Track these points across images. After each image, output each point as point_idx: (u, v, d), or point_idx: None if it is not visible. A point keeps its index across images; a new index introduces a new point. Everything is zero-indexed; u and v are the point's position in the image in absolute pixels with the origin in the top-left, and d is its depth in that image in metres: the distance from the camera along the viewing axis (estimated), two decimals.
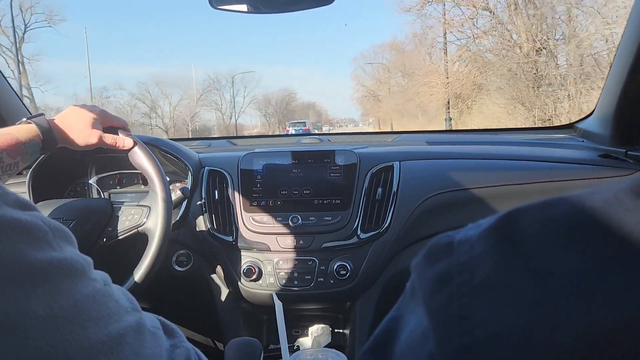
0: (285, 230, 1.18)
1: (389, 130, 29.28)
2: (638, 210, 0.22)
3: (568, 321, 0.20)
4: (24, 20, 25.55)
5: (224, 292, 1.27)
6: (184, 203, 1.22)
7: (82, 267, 0.36)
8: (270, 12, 1.14)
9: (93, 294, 0.36)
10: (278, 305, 0.99)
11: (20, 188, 1.20)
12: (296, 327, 1.29)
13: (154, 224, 1.00)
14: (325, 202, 1.20)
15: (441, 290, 0.25)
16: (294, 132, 25.63)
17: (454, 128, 16.77)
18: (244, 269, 1.17)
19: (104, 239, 1.05)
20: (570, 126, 1.65)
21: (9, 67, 23.53)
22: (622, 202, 0.22)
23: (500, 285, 0.23)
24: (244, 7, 1.09)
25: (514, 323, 0.22)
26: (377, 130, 38.61)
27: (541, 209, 0.24)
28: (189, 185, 1.23)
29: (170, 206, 1.02)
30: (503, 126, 10.98)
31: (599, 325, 0.20)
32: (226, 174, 1.26)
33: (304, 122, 30.65)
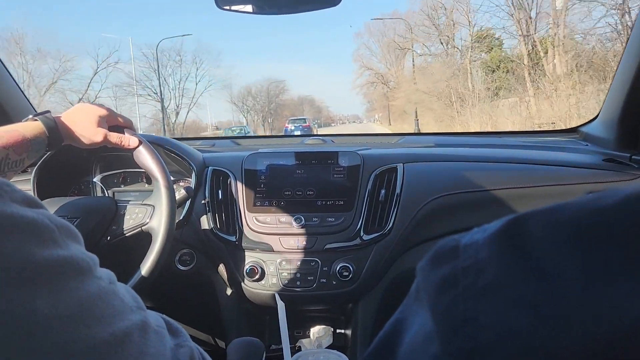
0: (288, 230, 1.18)
1: (413, 127, 20.95)
2: None
3: (573, 325, 0.20)
4: None
5: (227, 291, 1.27)
6: (188, 202, 1.22)
7: (88, 265, 0.36)
8: (276, 13, 1.14)
9: (98, 293, 0.36)
10: (280, 305, 0.99)
11: (25, 185, 1.20)
12: (298, 328, 1.29)
13: (158, 223, 1.00)
14: (328, 203, 1.20)
15: (446, 293, 0.25)
16: (293, 128, 24.16)
17: None
18: (247, 269, 1.17)
19: (108, 238, 1.05)
20: (574, 130, 1.65)
21: None
22: (629, 207, 0.22)
23: (505, 289, 0.23)
24: (249, 8, 1.09)
25: (518, 326, 0.22)
26: (386, 127, 33.15)
27: (547, 213, 0.24)
28: (192, 185, 1.24)
29: (174, 205, 1.02)
30: None
31: (604, 330, 0.20)
32: (230, 173, 1.26)
33: (304, 119, 28.38)
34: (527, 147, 1.49)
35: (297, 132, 22.48)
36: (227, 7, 1.08)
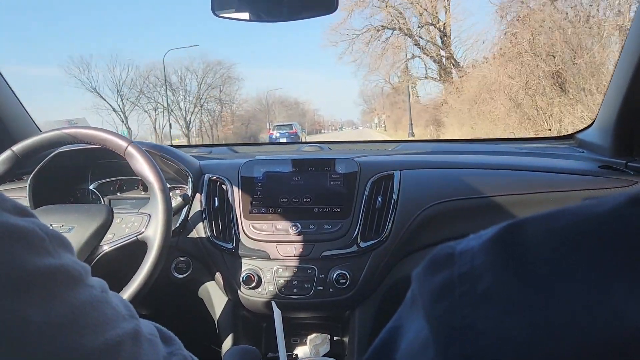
0: (285, 238, 1.18)
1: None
2: (639, 222, 0.22)
3: (571, 332, 0.20)
4: None
5: (223, 299, 1.26)
6: (184, 210, 1.22)
7: (79, 273, 0.36)
8: (273, 20, 1.15)
9: (90, 301, 0.36)
10: (277, 313, 0.99)
11: (21, 193, 1.20)
12: (295, 336, 1.29)
13: (154, 233, 1.00)
14: (325, 210, 1.20)
15: (442, 300, 0.25)
16: (278, 135, 22.28)
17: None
18: (243, 277, 1.17)
19: (104, 246, 1.05)
20: (570, 136, 1.65)
21: None
22: (624, 213, 0.22)
23: (501, 296, 0.23)
24: (246, 15, 1.10)
25: (515, 333, 0.22)
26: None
27: (543, 220, 0.24)
28: (189, 192, 1.23)
29: (171, 214, 1.02)
30: None
31: (603, 337, 0.20)
32: (227, 181, 1.26)
33: (290, 125, 25.55)
34: (523, 154, 1.49)
35: (283, 140, 20.21)
36: (223, 15, 1.08)
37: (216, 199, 1.24)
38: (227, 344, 1.23)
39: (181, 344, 0.48)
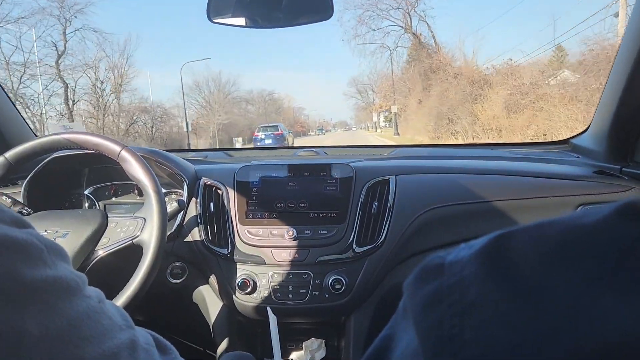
0: (280, 243, 1.18)
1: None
2: (626, 233, 0.22)
3: (557, 342, 0.21)
4: None
5: (218, 304, 1.26)
6: (180, 215, 1.22)
7: (76, 284, 0.36)
8: (269, 26, 1.15)
9: (87, 312, 0.35)
10: (272, 319, 0.99)
11: (16, 198, 1.19)
12: (290, 341, 1.29)
13: (149, 236, 1.00)
14: (320, 215, 1.20)
15: (431, 311, 0.25)
16: (263, 137, 21.64)
17: None
18: (239, 282, 1.17)
19: (99, 251, 1.04)
20: (565, 142, 1.66)
21: None
22: (611, 224, 0.23)
23: (490, 306, 0.23)
24: (242, 21, 1.10)
25: (503, 343, 0.22)
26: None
27: (532, 230, 0.24)
28: (184, 197, 1.23)
29: (166, 218, 1.01)
30: None
31: (587, 348, 0.20)
32: (222, 186, 1.26)
33: (276, 126, 24.05)
34: (518, 159, 1.49)
35: (269, 141, 20.11)
36: (219, 21, 1.08)
37: (212, 204, 1.24)
38: (222, 349, 1.23)
39: (177, 353, 0.48)
